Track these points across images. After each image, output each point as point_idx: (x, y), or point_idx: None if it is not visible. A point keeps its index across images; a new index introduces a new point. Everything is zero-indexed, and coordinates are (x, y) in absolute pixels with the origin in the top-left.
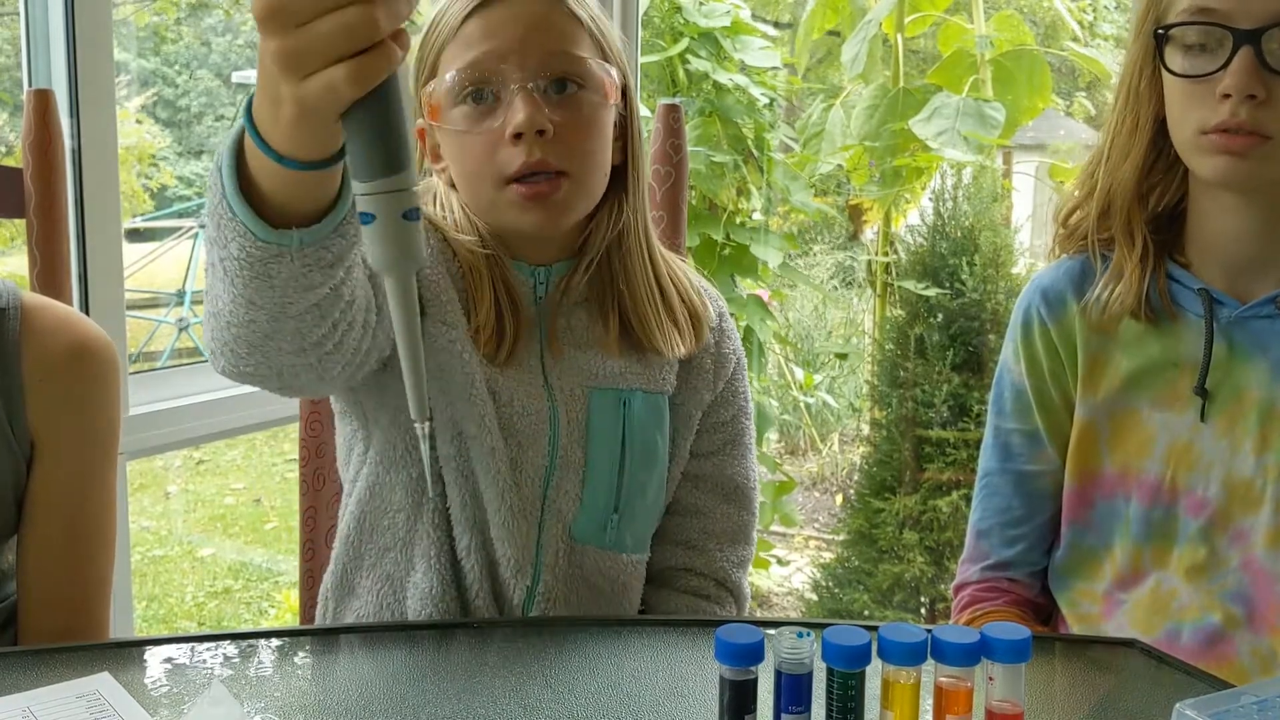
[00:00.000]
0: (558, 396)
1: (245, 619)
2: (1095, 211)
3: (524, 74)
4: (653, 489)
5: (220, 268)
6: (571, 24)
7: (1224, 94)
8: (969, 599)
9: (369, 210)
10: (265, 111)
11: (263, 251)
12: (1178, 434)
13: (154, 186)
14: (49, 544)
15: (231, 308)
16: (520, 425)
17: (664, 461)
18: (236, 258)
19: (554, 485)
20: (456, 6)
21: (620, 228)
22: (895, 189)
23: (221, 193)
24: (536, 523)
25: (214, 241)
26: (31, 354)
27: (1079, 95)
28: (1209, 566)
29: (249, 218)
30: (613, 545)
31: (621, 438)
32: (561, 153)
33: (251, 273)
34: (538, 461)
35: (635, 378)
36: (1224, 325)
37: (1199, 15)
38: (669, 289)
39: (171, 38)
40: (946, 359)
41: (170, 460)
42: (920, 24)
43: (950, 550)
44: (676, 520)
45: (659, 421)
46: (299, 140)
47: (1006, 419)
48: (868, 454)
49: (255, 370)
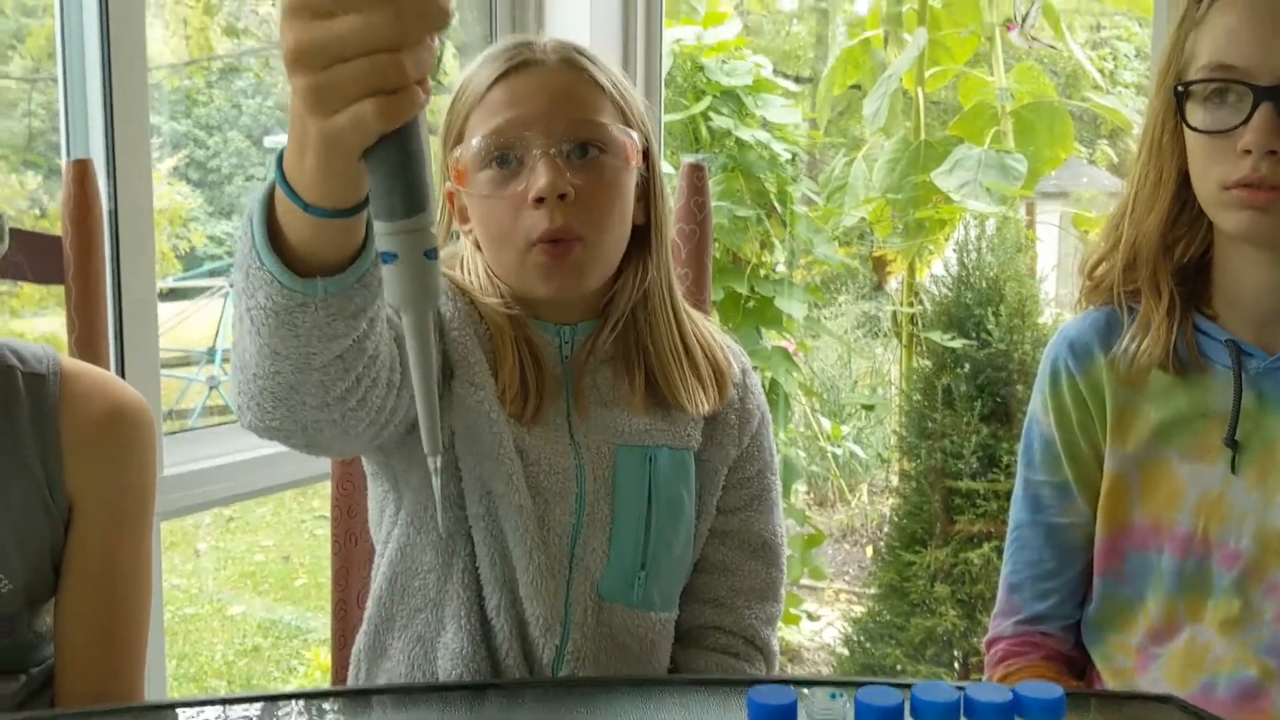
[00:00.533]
0: (584, 454)
1: (275, 677)
2: (1121, 264)
3: (547, 140)
4: (679, 545)
5: (247, 318)
6: (594, 91)
7: (1245, 149)
8: (1003, 654)
9: (391, 249)
10: (294, 159)
11: (288, 300)
12: (1209, 485)
13: (184, 247)
14: (86, 607)
15: (258, 359)
16: (547, 483)
17: (690, 518)
18: (263, 306)
19: (581, 542)
20: (483, 74)
21: (645, 287)
22: (919, 240)
23: (251, 242)
24: (565, 580)
25: (242, 292)
26: (69, 418)
27: (1101, 143)
28: (1243, 619)
29: (276, 266)
30: (640, 603)
31: (648, 494)
32: (582, 216)
33: (277, 321)
34: (564, 519)
35: (660, 434)
36: (1253, 376)
37: (1219, 71)
38: (693, 346)
39: (203, 100)
40: (974, 410)
41: (200, 518)
42: (941, 78)
43: (983, 603)
44: (704, 578)
45: (684, 477)
46: (325, 187)
47: (1036, 471)
48: (897, 505)
49: (280, 425)
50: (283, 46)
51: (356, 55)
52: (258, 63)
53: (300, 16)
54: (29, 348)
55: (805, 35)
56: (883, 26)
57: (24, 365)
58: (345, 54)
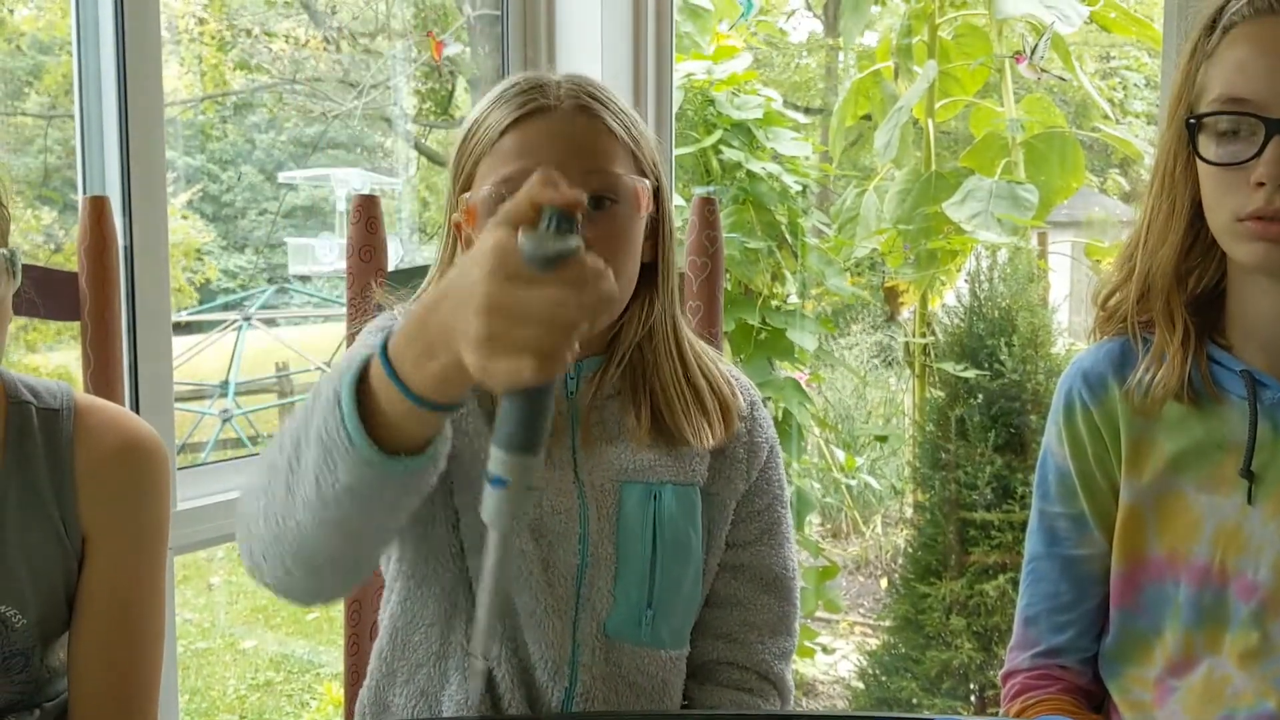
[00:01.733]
0: (588, 492)
1: (287, 712)
2: (1134, 295)
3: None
4: (688, 583)
5: (314, 494)
6: (607, 139)
7: (1259, 182)
8: (1019, 687)
9: (503, 475)
10: (415, 358)
11: (374, 477)
12: (1225, 517)
13: (199, 281)
14: (99, 642)
15: (310, 531)
16: (550, 524)
17: (698, 555)
18: (345, 484)
19: (586, 583)
20: (495, 117)
21: (650, 323)
22: (930, 271)
23: (339, 423)
24: (571, 621)
25: (316, 468)
26: (83, 454)
27: (1112, 171)
28: (1262, 652)
29: (369, 448)
30: (649, 641)
31: (652, 532)
32: None
33: (352, 497)
34: (569, 560)
35: (665, 470)
36: (1268, 406)
37: (1230, 105)
38: (698, 381)
39: (216, 135)
40: (988, 440)
41: (213, 552)
42: (951, 109)
43: (999, 635)
44: (715, 612)
45: (691, 514)
46: (442, 390)
47: (1051, 503)
48: (911, 537)
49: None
50: (474, 294)
51: (537, 322)
52: (271, 98)
53: (503, 278)
54: (43, 383)
55: (815, 67)
56: (893, 59)
57: (38, 400)
58: (529, 318)
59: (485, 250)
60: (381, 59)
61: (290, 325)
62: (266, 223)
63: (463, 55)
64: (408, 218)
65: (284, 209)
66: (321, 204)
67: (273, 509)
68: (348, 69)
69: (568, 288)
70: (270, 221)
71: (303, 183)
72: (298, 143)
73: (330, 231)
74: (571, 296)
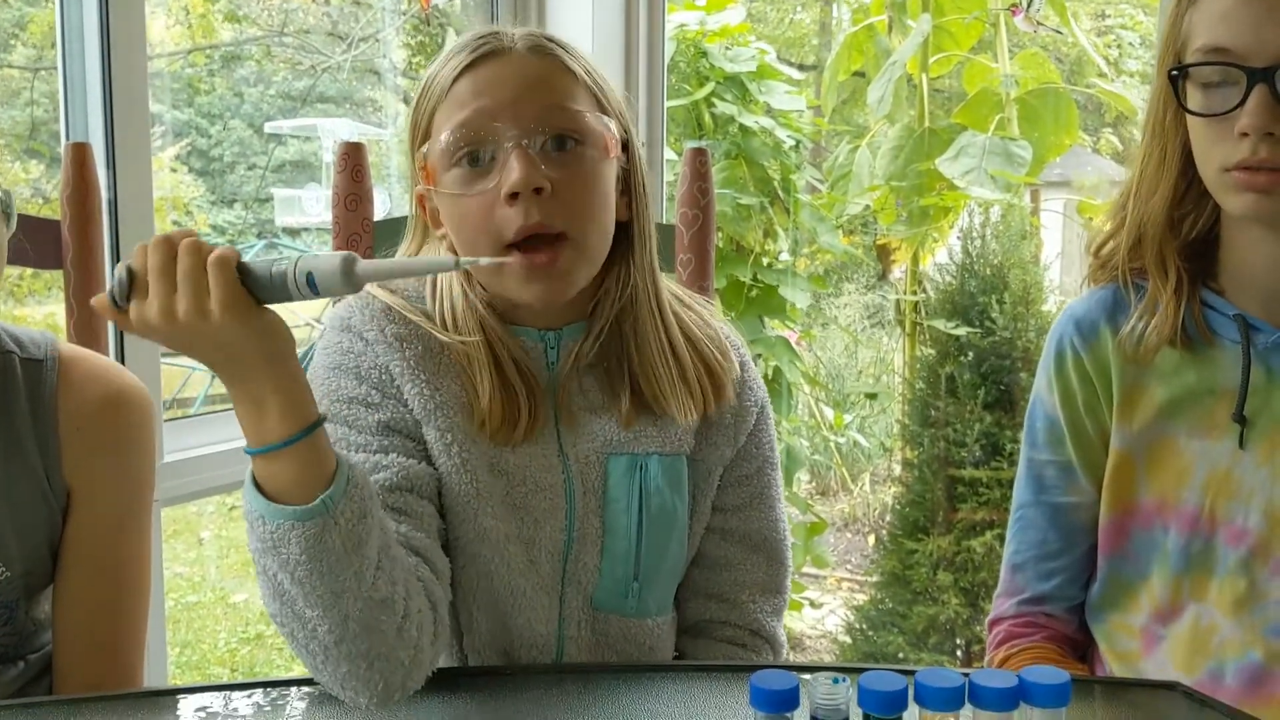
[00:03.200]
0: (572, 466)
1: (278, 665)
2: (1127, 242)
3: (519, 131)
4: (673, 552)
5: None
6: (566, 77)
7: (1242, 132)
8: (1005, 634)
9: (309, 270)
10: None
11: (315, 528)
12: (1216, 462)
13: None
14: (85, 593)
15: (322, 617)
16: (534, 502)
17: (683, 524)
18: (298, 556)
19: (573, 558)
20: (447, 68)
21: (630, 289)
22: (923, 228)
23: (258, 516)
24: (558, 597)
25: (277, 567)
26: (68, 404)
27: (1106, 131)
28: (1249, 599)
29: (288, 513)
30: (635, 613)
31: (639, 504)
32: (561, 212)
33: (311, 556)
34: (555, 536)
35: (650, 441)
36: (1261, 351)
37: (1213, 55)
38: (682, 350)
39: (205, 89)
40: (978, 398)
41: (203, 506)
42: (945, 64)
43: (985, 591)
44: (707, 573)
45: (677, 484)
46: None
47: (1040, 451)
48: (900, 494)
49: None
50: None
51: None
52: (259, 50)
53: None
54: (27, 333)
55: (809, 23)
56: (886, 12)
57: (22, 350)
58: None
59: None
60: (371, 10)
61: None
62: (255, 177)
63: (452, 6)
64: (396, 170)
65: (273, 163)
66: (311, 159)
67: (301, 634)
68: (336, 21)
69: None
70: (259, 176)
71: (290, 133)
72: (286, 96)
73: (318, 183)
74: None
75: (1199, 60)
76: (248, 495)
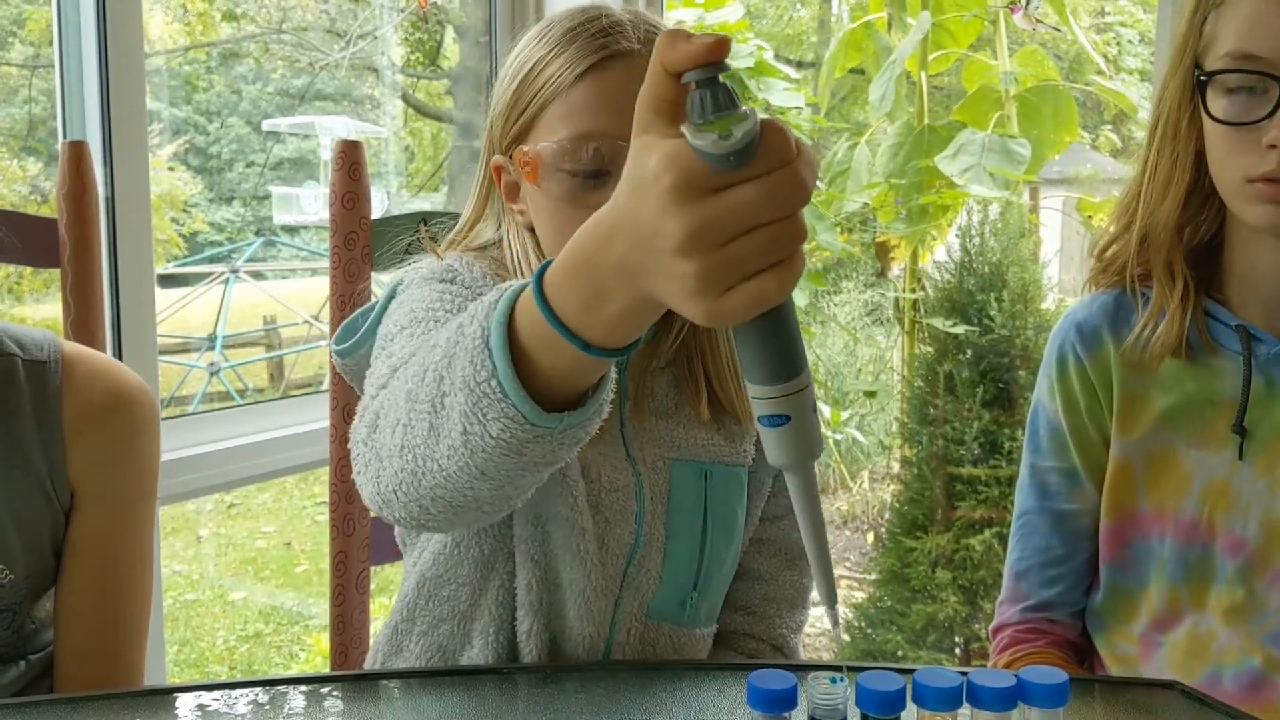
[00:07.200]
0: (641, 469)
1: (276, 663)
2: (1134, 247)
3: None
4: (730, 562)
5: (461, 440)
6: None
7: (1270, 144)
8: (1009, 640)
9: (782, 412)
10: (578, 304)
11: (528, 434)
12: (1215, 472)
13: (186, 233)
14: (87, 593)
15: (454, 476)
16: (607, 501)
17: (741, 535)
18: (495, 436)
19: (636, 563)
20: (565, 59)
21: None
22: (922, 226)
23: (491, 373)
24: (614, 601)
25: (464, 415)
26: (71, 405)
27: (1104, 129)
28: (1248, 608)
29: (526, 404)
30: (689, 622)
31: (703, 512)
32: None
33: (503, 450)
34: (624, 538)
35: (718, 450)
36: (1262, 362)
37: (1243, 62)
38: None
39: (203, 86)
40: (976, 396)
41: (202, 504)
42: (944, 61)
43: (984, 589)
44: (737, 585)
45: (739, 494)
46: (620, 332)
47: (1043, 457)
48: (898, 492)
49: (428, 522)
50: (660, 232)
51: (755, 227)
52: (257, 48)
53: (690, 196)
54: (29, 333)
55: (808, 20)
56: (886, 9)
57: (24, 352)
58: (744, 227)
59: (653, 171)
60: (369, 8)
61: (278, 279)
62: (254, 175)
63: (450, 3)
64: (394, 169)
65: (271, 161)
66: (309, 156)
67: (413, 447)
68: (334, 18)
69: (774, 173)
70: (258, 174)
71: (288, 131)
72: (285, 94)
73: (315, 181)
74: (784, 180)
75: (1227, 67)
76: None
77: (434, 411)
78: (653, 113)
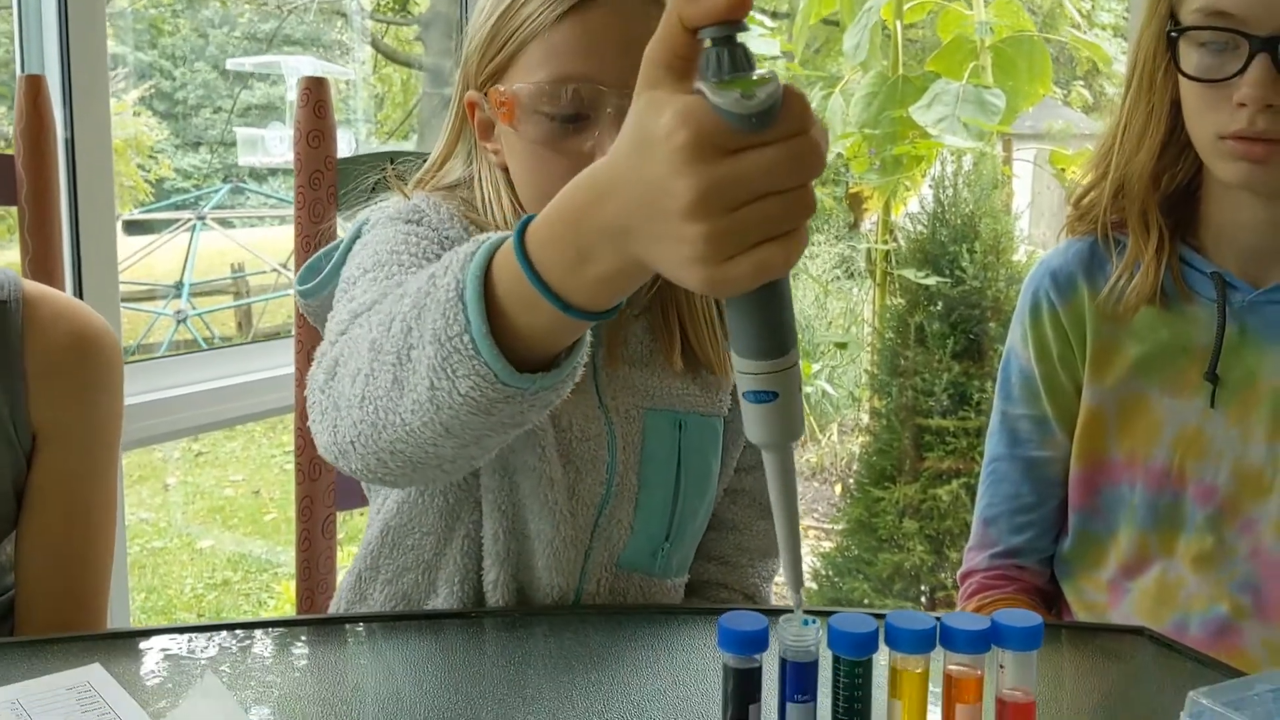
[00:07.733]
0: (614, 418)
1: (245, 610)
2: (1108, 195)
3: (622, 99)
4: (703, 513)
5: (427, 396)
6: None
7: (1240, 102)
8: (977, 586)
9: (771, 389)
10: (562, 263)
11: (499, 393)
12: (1187, 420)
13: (153, 179)
14: (49, 537)
15: (419, 432)
16: (579, 450)
17: (715, 485)
18: (464, 395)
19: (607, 513)
20: (544, 3)
21: None
22: (895, 176)
23: (464, 326)
24: (584, 551)
25: (431, 370)
26: (34, 346)
27: (1076, 84)
28: (1217, 556)
29: (499, 363)
30: (660, 573)
31: (676, 463)
32: None
33: (471, 408)
34: (595, 489)
35: (692, 399)
36: (1237, 310)
37: (1214, 19)
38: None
39: (169, 30)
40: (947, 347)
41: (169, 452)
42: (919, 10)
43: (950, 539)
44: (711, 535)
45: (714, 445)
46: (603, 295)
47: (1014, 404)
48: (867, 443)
49: (386, 476)
50: (670, 192)
51: (767, 194)
52: None
53: (704, 155)
54: None
55: None
56: None
57: None
58: (756, 193)
59: (665, 127)
60: None
61: (246, 226)
62: (220, 121)
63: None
64: (363, 115)
65: (238, 107)
66: (277, 102)
67: (374, 399)
68: None
69: (794, 138)
70: (224, 120)
71: (254, 71)
72: (252, 38)
73: (282, 123)
74: (802, 147)
75: (1199, 23)
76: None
77: (399, 364)
78: (664, 68)
